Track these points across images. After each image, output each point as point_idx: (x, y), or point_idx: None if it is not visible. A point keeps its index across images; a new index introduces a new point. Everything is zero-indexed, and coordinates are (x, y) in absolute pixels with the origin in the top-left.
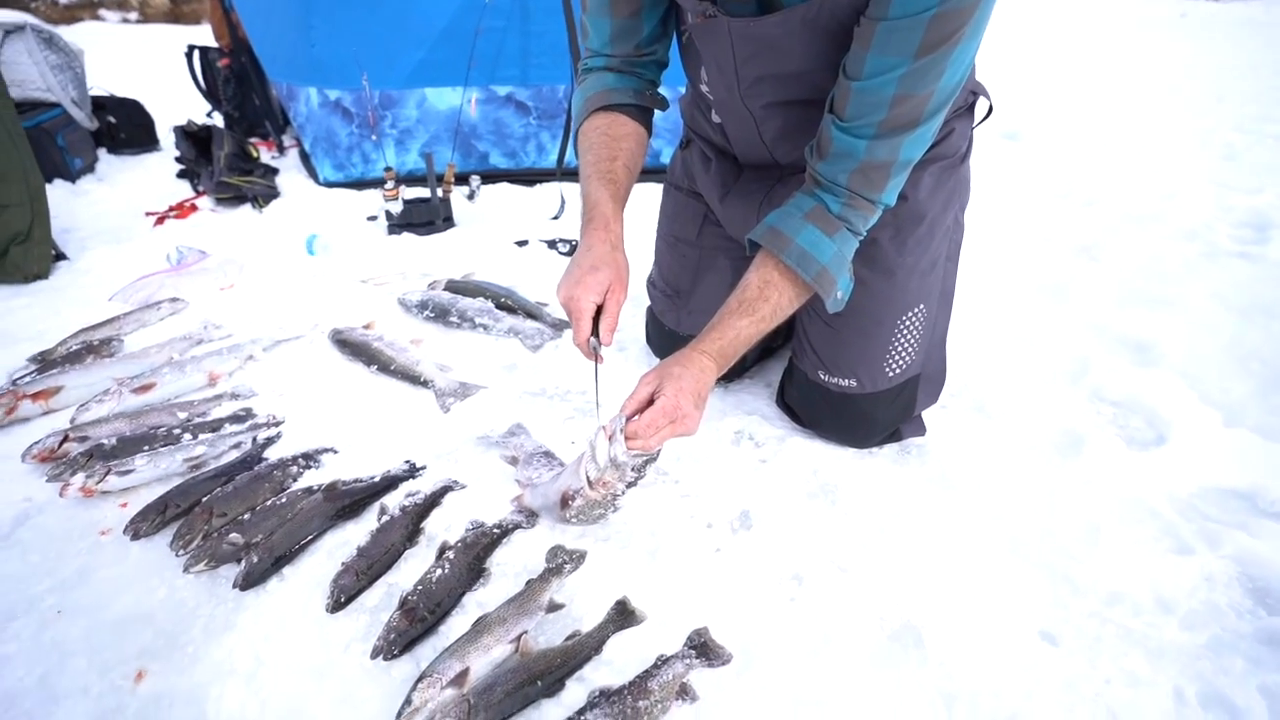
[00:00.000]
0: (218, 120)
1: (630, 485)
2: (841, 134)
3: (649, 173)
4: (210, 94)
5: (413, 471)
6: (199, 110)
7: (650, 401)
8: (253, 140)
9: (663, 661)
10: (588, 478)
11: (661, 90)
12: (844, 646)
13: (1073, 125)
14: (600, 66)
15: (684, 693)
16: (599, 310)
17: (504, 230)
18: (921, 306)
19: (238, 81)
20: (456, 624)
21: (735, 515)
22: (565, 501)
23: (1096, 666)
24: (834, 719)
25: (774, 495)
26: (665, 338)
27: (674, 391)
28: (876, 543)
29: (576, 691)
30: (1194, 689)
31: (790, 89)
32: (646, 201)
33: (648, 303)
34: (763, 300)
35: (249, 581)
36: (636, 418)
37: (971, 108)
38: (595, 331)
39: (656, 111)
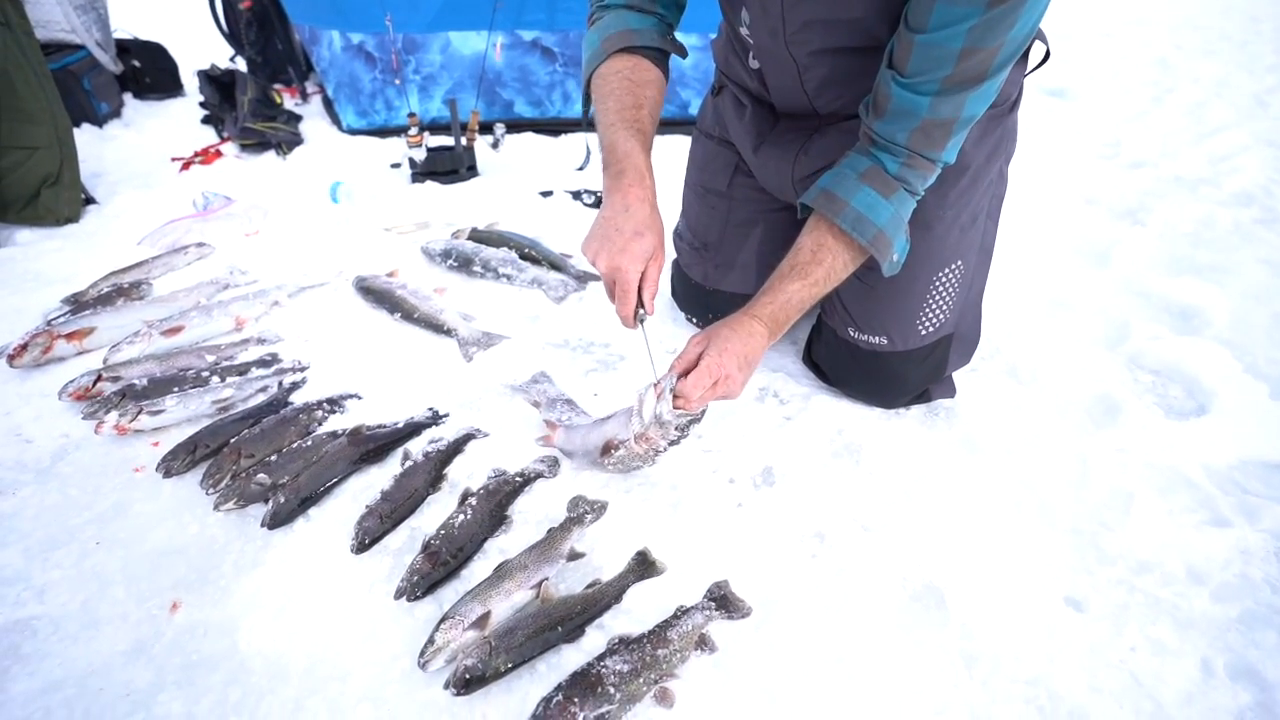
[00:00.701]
0: (241, 65)
1: (672, 443)
2: (902, 90)
3: (678, 124)
4: (232, 37)
5: (436, 419)
6: (222, 54)
7: (698, 362)
8: (276, 86)
9: (682, 612)
10: (634, 432)
11: (686, 36)
12: (865, 605)
13: (1122, 83)
14: (620, 4)
15: (703, 643)
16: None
17: (528, 180)
18: (959, 263)
19: (260, 24)
20: (478, 569)
21: (758, 472)
22: (607, 449)
23: (1122, 634)
24: (853, 676)
25: (798, 453)
26: (692, 291)
27: (718, 353)
28: (901, 503)
29: (596, 638)
30: (1222, 660)
31: (840, 36)
32: (672, 153)
33: (673, 255)
34: (816, 264)
35: (276, 521)
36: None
37: (1026, 53)
38: (639, 301)
39: (685, 59)
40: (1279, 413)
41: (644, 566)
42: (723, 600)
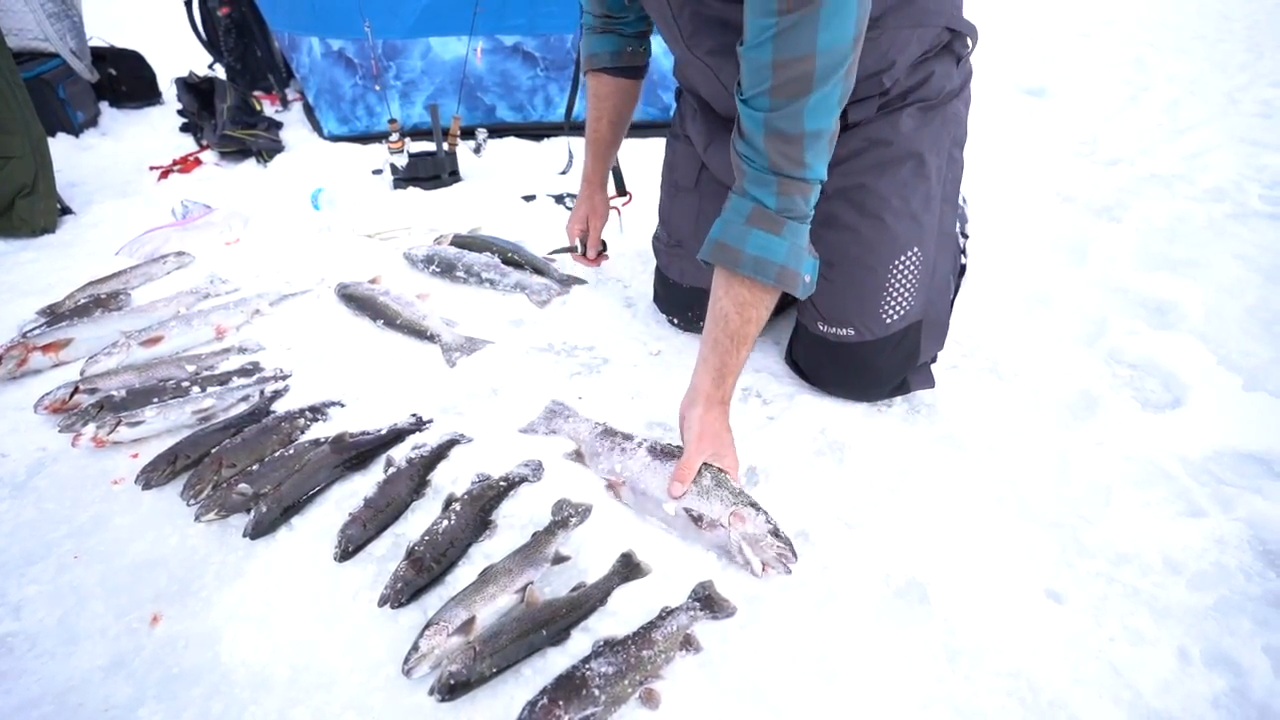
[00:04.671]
0: (220, 72)
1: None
2: (744, 107)
3: (662, 126)
4: (211, 45)
5: (419, 425)
6: (200, 62)
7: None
8: (256, 94)
9: (667, 613)
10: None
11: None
12: (849, 601)
13: (1099, 82)
14: (590, 26)
15: (688, 643)
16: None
17: (511, 185)
18: (916, 250)
19: (239, 32)
20: (463, 574)
21: (742, 472)
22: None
23: (1102, 625)
24: (837, 672)
25: (781, 452)
26: (671, 291)
27: (726, 468)
28: (884, 500)
29: (581, 641)
30: (1199, 648)
31: (726, 33)
32: (654, 156)
33: (654, 263)
34: (747, 323)
35: (259, 531)
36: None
37: (949, 46)
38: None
39: (666, 63)
40: (1252, 404)
41: (629, 568)
42: (707, 600)
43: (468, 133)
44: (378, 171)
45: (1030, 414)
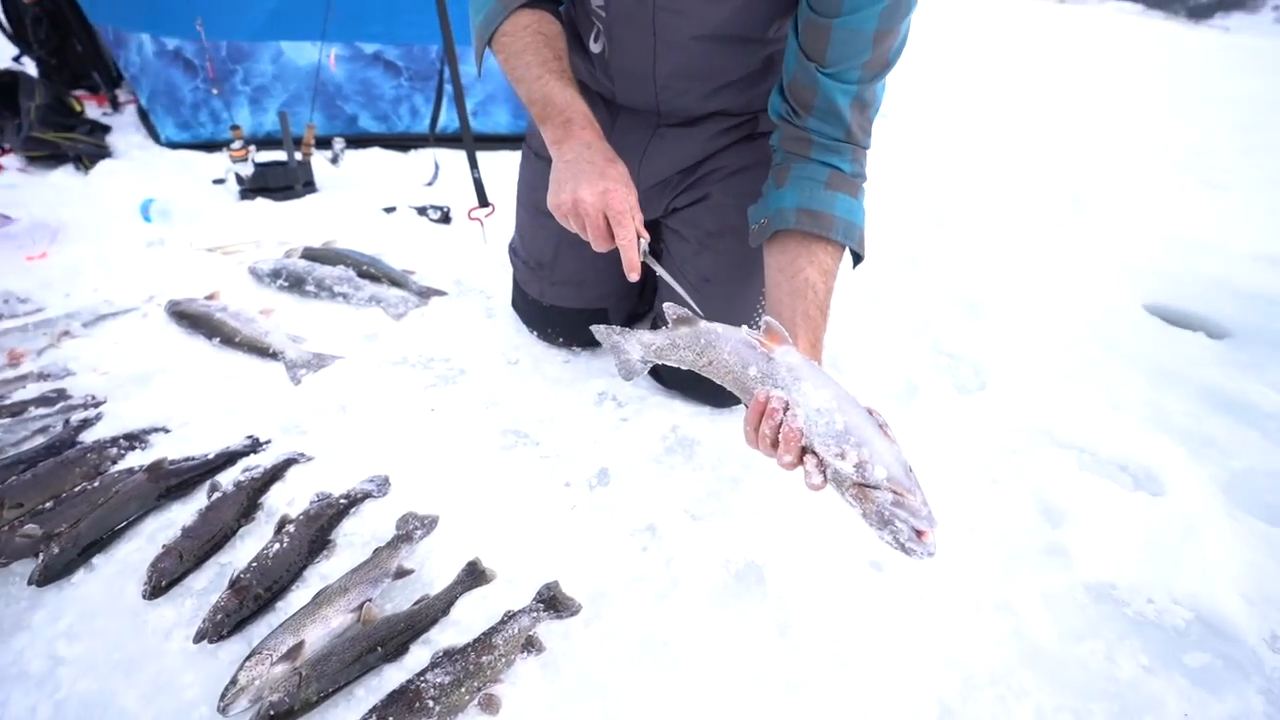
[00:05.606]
0: (29, 66)
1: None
2: (830, 80)
3: (510, 140)
4: (17, 36)
5: (255, 446)
6: (3, 54)
7: None
8: (78, 93)
9: (509, 617)
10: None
11: None
12: (691, 589)
13: (937, 107)
14: None
15: (530, 645)
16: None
17: (371, 196)
18: None
19: (51, 22)
20: (297, 598)
21: (594, 473)
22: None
23: (913, 587)
24: (678, 657)
25: (633, 452)
26: (530, 305)
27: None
28: (729, 492)
29: (420, 654)
30: (989, 599)
31: (717, 18)
32: (509, 166)
33: (510, 270)
34: (829, 292)
35: (48, 575)
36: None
37: None
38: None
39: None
40: (1044, 385)
41: (474, 576)
42: (551, 601)
43: (324, 142)
44: (219, 181)
45: (864, 402)
